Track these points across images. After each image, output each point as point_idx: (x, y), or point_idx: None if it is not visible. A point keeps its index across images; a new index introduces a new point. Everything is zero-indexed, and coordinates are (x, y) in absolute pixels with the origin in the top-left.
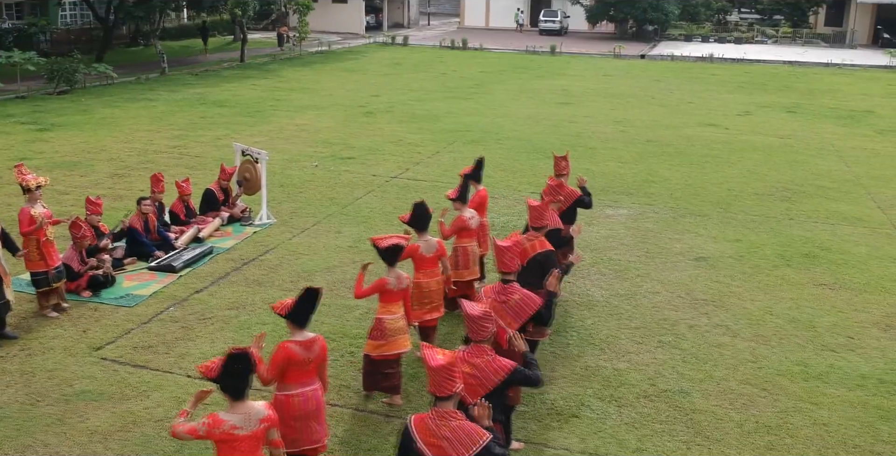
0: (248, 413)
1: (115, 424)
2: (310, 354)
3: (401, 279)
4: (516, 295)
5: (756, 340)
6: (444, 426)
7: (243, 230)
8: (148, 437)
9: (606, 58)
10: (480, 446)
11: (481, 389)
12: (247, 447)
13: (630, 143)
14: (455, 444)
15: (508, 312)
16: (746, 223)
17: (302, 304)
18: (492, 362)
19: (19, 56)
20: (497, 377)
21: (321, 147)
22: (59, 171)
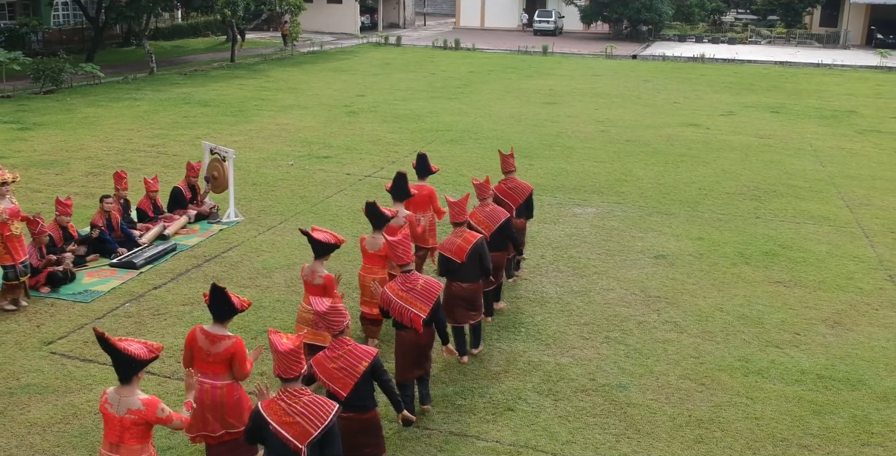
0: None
1: (55, 416)
2: (212, 348)
3: (314, 274)
4: (420, 281)
5: (702, 336)
6: (296, 404)
7: (209, 228)
8: (86, 428)
9: (598, 58)
10: (333, 416)
11: (350, 379)
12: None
13: (609, 143)
14: (309, 418)
15: (418, 298)
16: (712, 222)
17: (211, 299)
18: (353, 351)
19: (4, 56)
20: (362, 364)
21: (299, 146)
22: (35, 169)
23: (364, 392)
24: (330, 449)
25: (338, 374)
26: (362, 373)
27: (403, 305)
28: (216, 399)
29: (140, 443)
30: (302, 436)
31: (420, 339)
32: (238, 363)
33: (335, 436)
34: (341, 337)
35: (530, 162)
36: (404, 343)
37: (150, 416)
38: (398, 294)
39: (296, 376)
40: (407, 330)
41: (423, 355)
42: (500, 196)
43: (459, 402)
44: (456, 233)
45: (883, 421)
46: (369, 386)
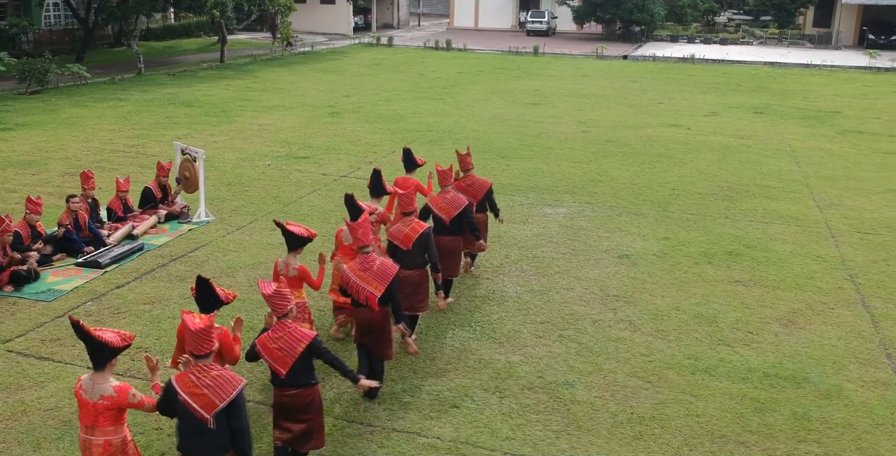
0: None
1: (3, 412)
2: None
3: (288, 267)
4: (377, 262)
5: (655, 334)
6: (205, 377)
7: (179, 228)
8: (34, 425)
9: (589, 58)
10: (239, 389)
11: (289, 359)
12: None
13: (588, 144)
14: (216, 390)
15: (374, 278)
16: (680, 222)
17: (197, 291)
18: (293, 333)
19: None
20: (300, 346)
21: (278, 146)
22: (12, 169)
23: (302, 371)
24: (236, 420)
25: (278, 353)
26: (300, 354)
27: (360, 283)
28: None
29: (113, 425)
30: (208, 406)
31: (374, 316)
32: (225, 351)
33: (240, 408)
34: (284, 320)
35: (507, 162)
36: (361, 321)
37: (122, 401)
38: (356, 273)
39: (206, 353)
40: (363, 308)
41: (375, 333)
42: (460, 192)
43: (406, 399)
44: (405, 222)
45: (822, 418)
46: (308, 366)
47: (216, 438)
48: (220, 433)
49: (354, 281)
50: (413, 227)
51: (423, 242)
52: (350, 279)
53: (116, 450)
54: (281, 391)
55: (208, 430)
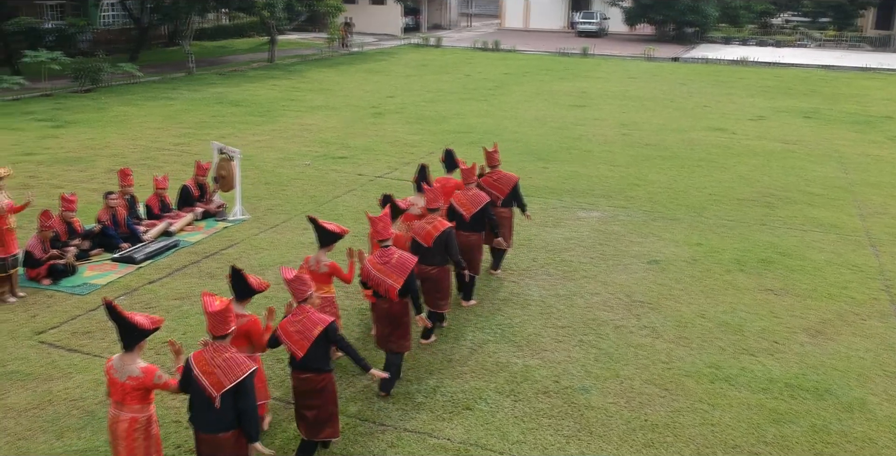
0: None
1: (32, 401)
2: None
3: (318, 263)
4: (395, 255)
5: (677, 342)
6: (218, 357)
7: (214, 225)
8: (59, 414)
9: (637, 60)
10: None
11: (306, 342)
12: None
13: (629, 147)
14: (225, 371)
15: (392, 271)
16: (715, 228)
17: (231, 280)
18: (310, 317)
19: (45, 55)
20: (316, 329)
21: (318, 146)
22: (60, 166)
23: (318, 355)
24: (243, 402)
25: (296, 336)
26: (316, 337)
27: (380, 276)
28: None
29: (140, 404)
30: (217, 385)
31: (393, 307)
32: (255, 338)
33: (247, 391)
34: (304, 304)
35: (545, 165)
36: (379, 312)
37: (148, 382)
38: (376, 267)
39: (224, 334)
40: (383, 299)
41: (395, 324)
42: (487, 188)
43: (420, 399)
44: (427, 219)
45: (842, 431)
46: (324, 350)
47: (222, 415)
48: (226, 412)
49: (374, 274)
50: (435, 224)
51: (445, 239)
52: (370, 272)
53: (140, 427)
54: (297, 374)
55: (215, 407)
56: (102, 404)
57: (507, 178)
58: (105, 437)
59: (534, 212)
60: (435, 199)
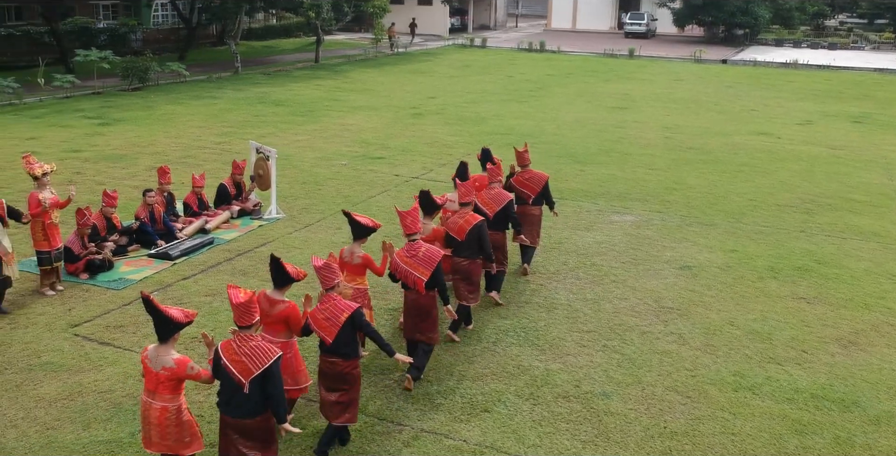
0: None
1: (62, 392)
2: (270, 310)
3: (352, 255)
4: (422, 249)
5: (703, 349)
6: (244, 346)
7: (250, 224)
8: (87, 406)
9: (685, 62)
10: (273, 360)
11: (334, 328)
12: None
13: (669, 150)
14: (252, 359)
15: (419, 264)
16: (751, 234)
17: (270, 268)
18: (338, 304)
19: (95, 55)
20: (343, 315)
21: (357, 146)
22: (105, 163)
23: (346, 340)
24: (271, 388)
25: (325, 323)
26: (343, 322)
27: (408, 269)
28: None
29: (171, 393)
30: (245, 373)
31: (421, 299)
32: (293, 323)
33: (274, 377)
34: (331, 292)
35: (582, 168)
36: (408, 303)
37: (181, 373)
38: (404, 259)
39: (248, 324)
40: (411, 291)
41: (423, 315)
42: (518, 186)
43: (439, 400)
44: (460, 213)
45: (867, 444)
46: (351, 337)
47: (250, 401)
48: (254, 397)
49: (402, 266)
50: (467, 218)
51: (477, 233)
52: (399, 265)
53: (171, 415)
54: (324, 358)
55: (244, 393)
56: (129, 397)
57: (537, 177)
58: (129, 429)
59: (566, 215)
60: (467, 194)
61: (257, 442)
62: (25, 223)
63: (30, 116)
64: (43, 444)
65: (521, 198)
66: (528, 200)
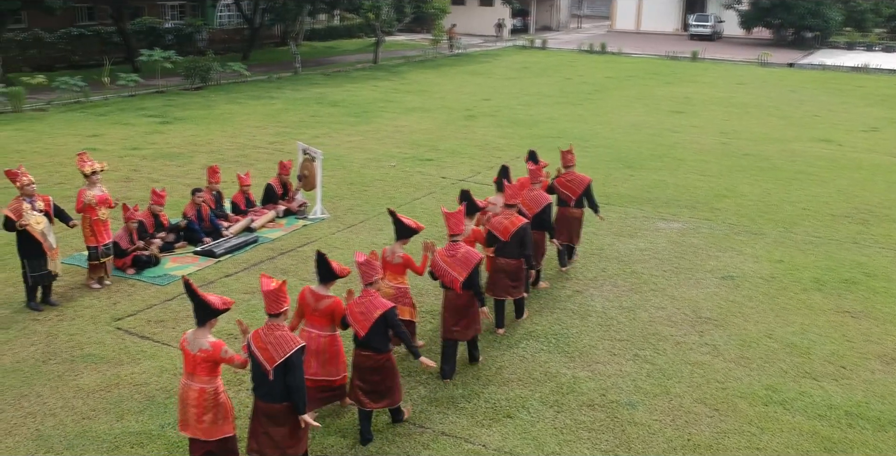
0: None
1: (100, 383)
2: (316, 304)
3: (394, 255)
4: (462, 250)
5: (737, 361)
6: (270, 335)
7: (295, 223)
8: (122, 397)
9: (750, 66)
10: (294, 350)
11: (367, 322)
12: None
13: (725, 156)
14: (275, 347)
15: (458, 264)
16: (801, 244)
17: (316, 264)
18: (374, 300)
19: (159, 54)
20: (377, 312)
21: (407, 148)
22: (161, 161)
23: (378, 335)
24: (291, 378)
25: (359, 317)
26: (375, 319)
27: (446, 268)
28: (319, 347)
29: (208, 376)
30: (269, 360)
31: (458, 299)
32: (337, 317)
33: (294, 367)
34: (369, 288)
35: (632, 173)
36: (446, 302)
37: (216, 355)
38: (443, 259)
39: (277, 313)
40: (449, 290)
41: (460, 314)
42: (560, 188)
43: (463, 404)
44: (505, 214)
45: None
46: (384, 333)
47: (276, 387)
48: (279, 384)
49: (442, 266)
50: (512, 220)
51: (521, 234)
52: (438, 264)
53: (209, 397)
54: (358, 351)
55: (269, 379)
56: (163, 390)
57: (579, 180)
58: (160, 421)
59: (611, 221)
60: (513, 196)
61: (285, 428)
62: (71, 227)
63: (95, 114)
64: (78, 433)
65: (562, 199)
66: (570, 202)
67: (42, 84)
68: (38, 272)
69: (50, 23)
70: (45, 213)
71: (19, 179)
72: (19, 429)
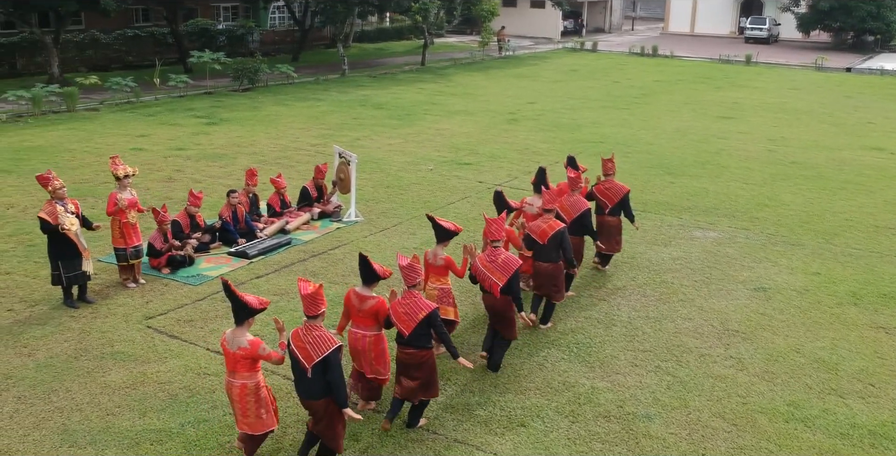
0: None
1: (126, 381)
2: (361, 305)
3: (436, 257)
4: (502, 256)
5: (761, 376)
6: (308, 335)
7: (329, 226)
8: (146, 395)
9: (806, 70)
10: (331, 350)
11: (411, 323)
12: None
13: (770, 164)
14: (313, 347)
15: (498, 269)
16: (840, 256)
17: (359, 266)
18: (418, 302)
19: (208, 56)
20: (421, 313)
21: (447, 152)
22: (205, 161)
23: (421, 335)
24: (330, 374)
25: (403, 317)
26: (420, 320)
27: (486, 273)
28: (364, 346)
29: (249, 371)
30: (307, 359)
31: (496, 302)
32: (381, 317)
33: (332, 365)
34: (413, 290)
35: (672, 180)
36: (486, 305)
37: (254, 352)
38: (484, 264)
39: (315, 314)
40: (488, 294)
41: (498, 317)
42: (598, 195)
43: (478, 412)
44: (544, 218)
45: None
46: (426, 332)
47: (314, 384)
48: (317, 381)
49: (482, 270)
50: (550, 224)
51: (558, 238)
52: (479, 269)
53: (250, 392)
54: (401, 349)
55: (308, 377)
56: (185, 389)
57: (617, 189)
58: (180, 420)
59: (646, 229)
60: (551, 201)
61: (322, 423)
62: (95, 229)
63: (144, 114)
64: (101, 428)
65: (599, 206)
66: (606, 210)
67: (95, 84)
68: (73, 272)
69: (107, 24)
70: (77, 215)
71: (51, 184)
72: (46, 423)
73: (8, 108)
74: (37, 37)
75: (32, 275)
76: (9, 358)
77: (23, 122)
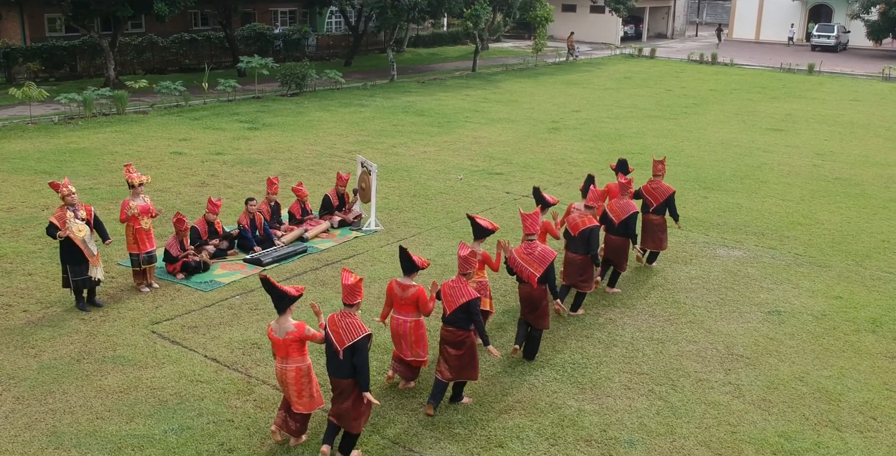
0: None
1: (121, 385)
2: (402, 294)
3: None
4: (538, 248)
5: (757, 404)
6: (342, 321)
7: (348, 234)
8: (137, 400)
9: (871, 80)
10: (361, 337)
11: (454, 304)
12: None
13: (812, 179)
14: (346, 332)
15: (535, 261)
16: (868, 280)
17: (400, 258)
18: (463, 288)
19: (257, 61)
20: (463, 298)
21: (480, 161)
22: (240, 166)
23: (460, 318)
24: (357, 359)
25: (449, 297)
26: (461, 303)
27: (523, 265)
28: (405, 331)
29: (300, 355)
30: (340, 342)
31: (533, 292)
32: (421, 304)
33: (360, 350)
34: (463, 277)
35: (706, 194)
36: (522, 295)
37: (301, 333)
38: (521, 256)
39: (351, 303)
40: (525, 284)
41: (533, 306)
42: (645, 194)
43: (458, 430)
44: (581, 214)
45: None
46: (465, 316)
47: (344, 365)
48: (347, 363)
49: (519, 262)
50: (584, 220)
51: (587, 233)
52: (516, 261)
53: (304, 374)
54: (445, 326)
55: (339, 358)
56: (176, 395)
57: (663, 189)
58: (165, 426)
59: (670, 246)
60: (594, 199)
61: (348, 401)
62: (106, 245)
63: (190, 118)
64: (89, 432)
65: (645, 205)
66: (650, 208)
67: (145, 88)
68: (80, 277)
69: (165, 28)
70: (87, 221)
71: (61, 190)
72: (38, 424)
73: (62, 110)
74: (95, 40)
75: (53, 277)
76: (15, 358)
77: (73, 125)
